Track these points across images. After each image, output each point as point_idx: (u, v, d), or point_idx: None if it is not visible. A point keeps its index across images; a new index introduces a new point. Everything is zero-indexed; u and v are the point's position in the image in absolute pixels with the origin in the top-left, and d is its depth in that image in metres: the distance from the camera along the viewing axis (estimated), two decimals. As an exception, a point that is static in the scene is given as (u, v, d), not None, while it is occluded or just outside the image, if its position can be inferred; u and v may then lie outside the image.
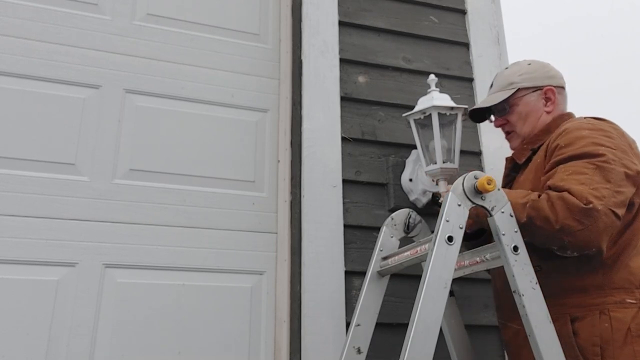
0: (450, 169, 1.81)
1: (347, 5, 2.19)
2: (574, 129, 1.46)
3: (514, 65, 1.72)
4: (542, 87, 1.62)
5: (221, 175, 1.99)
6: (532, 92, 1.63)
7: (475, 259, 1.46)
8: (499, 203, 1.35)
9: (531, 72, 1.65)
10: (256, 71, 2.16)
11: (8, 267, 1.69)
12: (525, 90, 1.63)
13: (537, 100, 1.62)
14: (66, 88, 1.92)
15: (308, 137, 1.96)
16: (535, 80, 1.63)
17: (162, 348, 1.75)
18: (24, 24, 1.93)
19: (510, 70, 1.69)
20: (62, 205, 1.79)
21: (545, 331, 1.28)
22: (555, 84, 1.63)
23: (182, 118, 2.01)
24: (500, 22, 2.42)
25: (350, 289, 1.83)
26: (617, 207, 1.31)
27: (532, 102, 1.62)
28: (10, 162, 1.79)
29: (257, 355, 1.84)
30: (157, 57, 2.05)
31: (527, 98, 1.63)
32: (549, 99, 1.61)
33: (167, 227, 1.87)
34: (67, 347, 1.67)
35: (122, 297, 1.76)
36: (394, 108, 2.09)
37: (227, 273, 1.89)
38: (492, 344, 1.91)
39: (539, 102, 1.62)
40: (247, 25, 2.22)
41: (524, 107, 1.63)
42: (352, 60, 2.12)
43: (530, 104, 1.62)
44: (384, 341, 1.68)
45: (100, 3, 2.05)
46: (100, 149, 1.89)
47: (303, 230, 1.85)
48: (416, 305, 1.22)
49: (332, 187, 1.92)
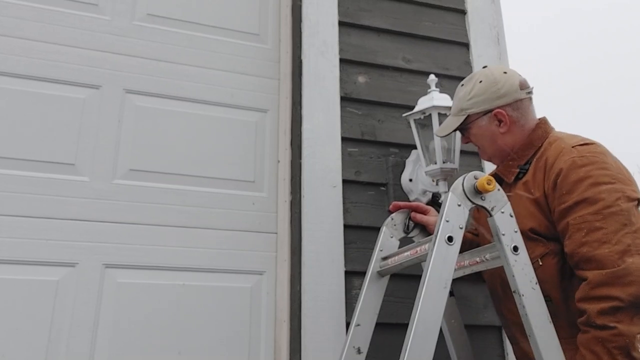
0: (450, 169, 1.81)
1: (346, 5, 2.19)
2: (570, 169, 1.41)
3: (468, 82, 1.65)
4: (492, 110, 1.58)
5: (221, 175, 1.99)
6: (482, 115, 1.59)
7: (475, 259, 1.46)
8: (499, 203, 1.35)
9: (480, 95, 1.59)
10: (256, 71, 2.16)
11: (8, 267, 1.69)
12: (475, 115, 1.60)
13: (489, 124, 1.59)
14: (66, 88, 1.92)
15: (308, 137, 1.96)
16: (484, 103, 1.58)
17: (162, 348, 1.75)
18: (24, 24, 1.93)
19: (463, 92, 1.64)
20: (62, 206, 1.79)
21: (545, 331, 1.28)
22: (505, 103, 1.57)
23: (182, 118, 2.01)
24: (500, 22, 2.42)
25: (350, 289, 1.83)
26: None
27: (484, 126, 1.60)
28: (10, 162, 1.79)
29: (257, 355, 1.84)
30: (157, 57, 2.05)
31: (479, 122, 1.60)
32: (501, 121, 1.57)
33: (167, 227, 1.87)
34: (67, 347, 1.67)
35: (122, 297, 1.77)
36: (393, 108, 2.09)
37: (227, 273, 1.89)
38: (491, 344, 1.91)
39: (491, 125, 1.59)
40: (247, 25, 2.22)
41: (477, 131, 1.61)
42: (351, 61, 2.12)
43: (483, 127, 1.60)
44: (384, 341, 1.68)
45: (100, 3, 2.05)
46: (100, 149, 1.89)
47: (303, 230, 1.85)
48: (416, 305, 1.22)
49: (332, 187, 1.92)
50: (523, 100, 1.59)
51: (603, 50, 18.03)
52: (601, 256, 1.29)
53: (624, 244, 1.28)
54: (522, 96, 1.58)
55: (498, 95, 1.58)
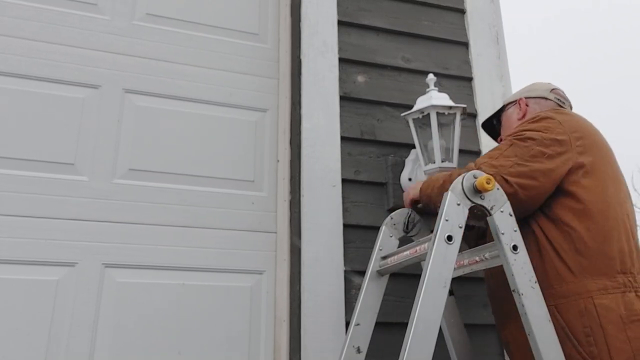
0: (449, 168, 1.81)
1: (346, 4, 2.19)
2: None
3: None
4: (518, 100, 1.78)
5: (221, 174, 1.99)
6: (512, 106, 1.81)
7: (475, 258, 1.46)
8: (498, 202, 1.36)
9: (517, 92, 1.84)
10: (255, 71, 2.16)
11: (8, 267, 1.69)
12: (508, 105, 1.83)
13: (513, 112, 1.79)
14: (65, 88, 1.92)
15: (307, 136, 1.96)
16: (516, 95, 1.82)
17: (162, 348, 1.76)
18: (24, 23, 1.93)
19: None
20: (61, 205, 1.79)
21: (545, 331, 1.28)
22: (531, 96, 1.77)
23: (181, 118, 2.01)
24: (500, 21, 2.42)
25: (349, 288, 1.83)
26: (512, 176, 1.43)
27: (510, 113, 1.80)
28: (10, 162, 1.79)
29: (257, 354, 1.84)
30: (157, 56, 2.05)
31: (508, 111, 1.81)
32: (520, 108, 1.76)
33: (167, 226, 1.87)
34: (67, 347, 1.67)
35: (122, 297, 1.77)
36: (393, 107, 2.09)
37: (226, 273, 1.89)
38: (491, 343, 1.91)
39: (514, 113, 1.78)
40: (246, 25, 2.22)
41: (505, 120, 1.82)
42: (351, 60, 2.12)
43: (508, 113, 1.81)
44: (384, 340, 1.68)
45: (99, 3, 2.05)
46: (99, 148, 1.89)
47: (302, 230, 1.85)
48: (416, 304, 1.22)
49: (332, 186, 1.92)
50: (548, 101, 1.74)
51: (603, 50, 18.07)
52: (478, 162, 1.53)
53: (498, 163, 1.48)
54: (548, 96, 1.75)
55: (527, 90, 1.80)
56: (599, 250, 1.40)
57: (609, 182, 1.49)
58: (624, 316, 1.33)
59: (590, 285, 1.38)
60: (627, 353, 1.30)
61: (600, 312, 1.34)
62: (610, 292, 1.36)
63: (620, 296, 1.36)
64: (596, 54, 13.89)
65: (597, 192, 1.45)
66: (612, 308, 1.34)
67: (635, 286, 1.39)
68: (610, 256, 1.40)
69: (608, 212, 1.44)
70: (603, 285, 1.37)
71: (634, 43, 23.32)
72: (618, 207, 1.47)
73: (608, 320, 1.33)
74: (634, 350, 1.31)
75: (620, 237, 1.43)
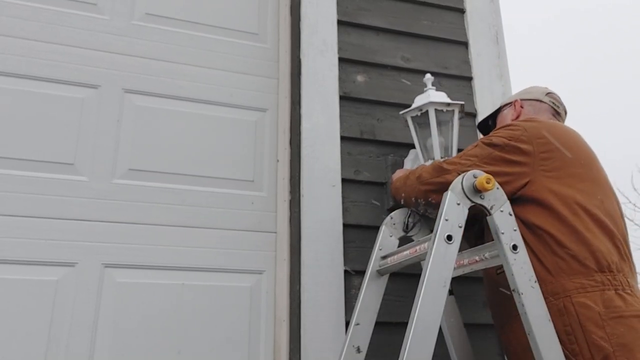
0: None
1: (345, 4, 2.19)
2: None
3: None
4: (513, 102, 1.83)
5: (220, 174, 1.99)
6: (508, 107, 1.85)
7: (475, 257, 1.46)
8: (498, 202, 1.35)
9: (514, 94, 1.88)
10: (255, 71, 2.16)
11: (8, 267, 1.69)
12: (504, 107, 1.87)
13: (508, 113, 1.83)
14: (65, 88, 1.92)
15: (307, 136, 1.96)
16: (512, 97, 1.86)
17: (162, 348, 1.75)
18: (23, 23, 1.93)
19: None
20: (61, 205, 1.79)
21: (545, 330, 1.28)
22: (526, 98, 1.81)
23: (181, 118, 2.01)
24: (499, 21, 2.42)
25: (349, 288, 1.83)
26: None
27: (505, 114, 1.84)
28: (9, 162, 1.79)
29: (257, 354, 1.84)
30: (156, 56, 2.05)
31: (504, 112, 1.85)
32: (515, 109, 1.80)
33: (167, 226, 1.87)
34: (67, 347, 1.67)
35: (122, 297, 1.76)
36: (392, 107, 2.09)
37: (226, 272, 1.89)
38: (491, 343, 1.91)
39: (509, 114, 1.82)
40: (245, 24, 2.22)
41: (500, 120, 1.85)
42: (351, 60, 2.12)
43: (504, 115, 1.85)
44: (384, 340, 1.68)
45: (99, 3, 2.05)
46: (99, 148, 1.89)
47: (302, 230, 1.85)
48: (415, 304, 1.22)
49: (331, 186, 1.92)
50: (542, 103, 1.78)
51: (603, 50, 18.07)
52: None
53: (457, 161, 1.57)
54: (543, 99, 1.79)
55: (524, 92, 1.85)
56: (574, 251, 1.41)
57: (582, 184, 1.49)
58: (603, 313, 1.35)
59: (567, 284, 1.39)
60: (606, 350, 1.32)
61: (578, 310, 1.36)
62: (589, 291, 1.37)
63: (599, 294, 1.37)
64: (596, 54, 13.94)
65: (567, 195, 1.46)
66: (590, 306, 1.35)
67: (615, 284, 1.40)
68: (584, 256, 1.41)
69: (579, 214, 1.45)
70: (580, 284, 1.38)
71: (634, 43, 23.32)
72: (594, 208, 1.47)
73: (586, 318, 1.34)
74: (612, 346, 1.32)
75: (595, 237, 1.43)
